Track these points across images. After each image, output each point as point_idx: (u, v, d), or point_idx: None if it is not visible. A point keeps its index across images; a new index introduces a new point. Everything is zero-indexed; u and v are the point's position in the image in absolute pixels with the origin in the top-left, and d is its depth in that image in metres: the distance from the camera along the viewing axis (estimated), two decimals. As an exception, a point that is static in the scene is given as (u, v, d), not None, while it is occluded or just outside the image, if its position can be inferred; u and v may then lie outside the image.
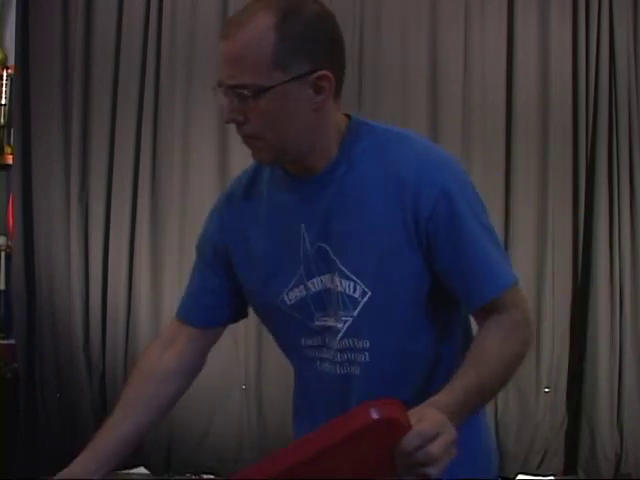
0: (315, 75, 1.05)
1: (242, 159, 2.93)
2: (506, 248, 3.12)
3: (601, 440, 3.09)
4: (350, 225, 1.09)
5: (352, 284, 1.09)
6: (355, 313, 1.10)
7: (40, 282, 3.11)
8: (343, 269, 1.09)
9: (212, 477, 3.13)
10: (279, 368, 3.00)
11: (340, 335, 1.12)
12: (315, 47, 1.05)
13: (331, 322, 1.12)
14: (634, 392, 3.11)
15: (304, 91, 1.05)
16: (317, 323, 1.13)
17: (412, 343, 1.12)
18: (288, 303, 1.14)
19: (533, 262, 3.13)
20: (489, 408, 3.09)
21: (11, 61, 3.19)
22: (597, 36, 3.14)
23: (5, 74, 3.21)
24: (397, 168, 1.08)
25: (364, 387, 0.98)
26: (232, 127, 1.09)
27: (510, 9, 3.17)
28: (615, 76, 3.14)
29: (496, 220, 3.10)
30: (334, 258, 1.10)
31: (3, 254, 3.22)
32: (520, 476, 3.15)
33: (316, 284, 1.12)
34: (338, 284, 1.10)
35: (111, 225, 3.12)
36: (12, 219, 3.13)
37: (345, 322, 1.11)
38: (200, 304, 1.24)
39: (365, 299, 1.09)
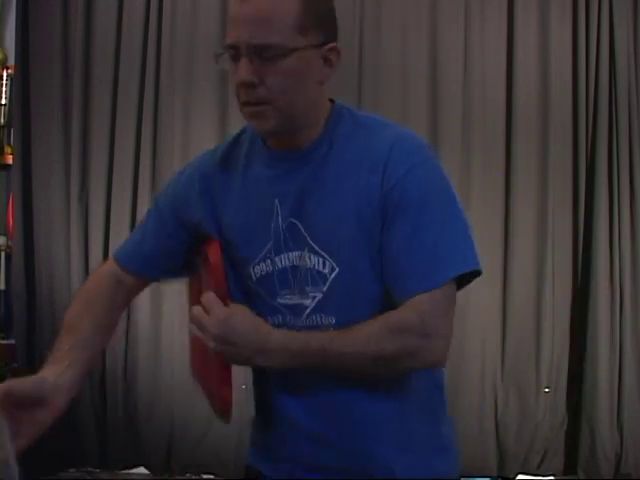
0: (328, 47, 1.09)
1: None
2: (506, 248, 3.13)
3: (601, 440, 3.09)
4: (323, 203, 1.10)
5: (321, 260, 1.10)
6: (324, 289, 1.11)
7: (40, 282, 3.10)
8: (313, 245, 1.10)
9: (212, 477, 3.13)
10: (279, 368, 3.01)
11: (308, 311, 1.12)
12: (328, 20, 1.10)
13: (295, 300, 1.13)
14: (634, 392, 3.11)
15: (316, 61, 1.08)
16: (280, 301, 1.14)
17: None
18: (254, 278, 1.15)
19: (533, 262, 3.13)
20: (489, 408, 3.09)
21: (11, 61, 3.18)
22: (597, 36, 3.15)
23: (5, 74, 3.21)
24: (374, 151, 1.09)
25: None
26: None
27: (510, 9, 3.17)
28: (615, 76, 3.14)
29: (496, 220, 3.11)
30: (305, 235, 1.11)
31: (3, 254, 3.22)
32: (520, 476, 3.15)
33: (283, 260, 1.13)
34: (307, 260, 1.11)
35: (111, 225, 3.12)
36: (12, 219, 3.13)
37: (314, 298, 1.12)
38: (150, 259, 1.26)
39: (334, 275, 1.10)
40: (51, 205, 3.11)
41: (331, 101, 1.16)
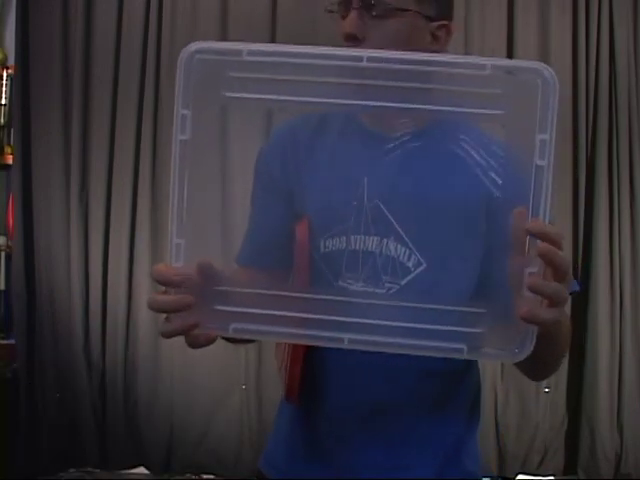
0: (438, 23, 1.07)
1: (242, 159, 2.94)
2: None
3: (601, 440, 3.09)
4: (424, 193, 1.03)
5: (408, 252, 1.03)
6: (403, 282, 1.03)
7: (40, 282, 3.10)
8: (402, 235, 1.03)
9: (212, 477, 3.13)
10: (279, 368, 3.01)
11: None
12: None
13: (359, 287, 1.04)
14: (634, 392, 3.11)
15: (425, 34, 1.07)
16: (341, 284, 1.05)
17: None
18: (321, 250, 1.07)
19: (533, 262, 3.13)
20: (489, 408, 3.09)
21: (11, 61, 3.18)
22: (597, 36, 3.14)
23: (5, 74, 3.21)
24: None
25: (395, 358, 0.90)
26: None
27: (510, 9, 3.17)
28: (615, 76, 3.14)
29: (496, 220, 3.10)
30: (392, 222, 1.03)
31: (3, 254, 3.22)
32: (520, 476, 3.15)
33: (358, 242, 1.05)
34: (392, 249, 1.03)
35: (111, 225, 3.12)
36: (12, 219, 3.13)
37: (389, 289, 1.04)
38: (257, 247, 1.17)
39: (418, 270, 1.03)
40: (51, 205, 3.11)
41: None
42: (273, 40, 3.11)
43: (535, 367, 1.02)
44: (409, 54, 0.79)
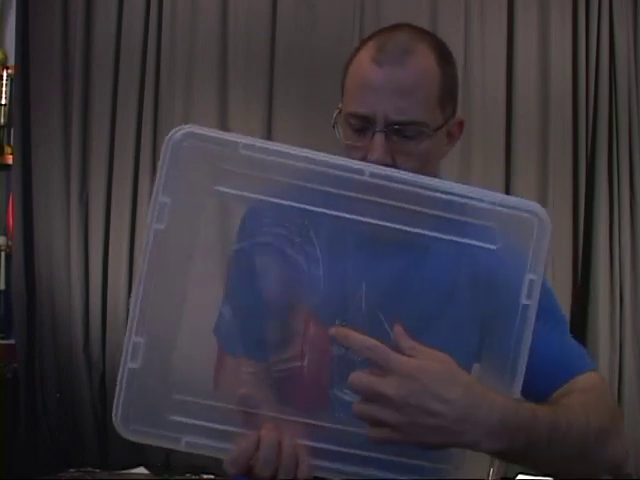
0: (455, 120, 0.97)
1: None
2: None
3: (601, 440, 3.08)
4: (423, 296, 0.96)
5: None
6: None
7: (40, 282, 3.10)
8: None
9: (212, 477, 3.13)
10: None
11: None
12: (456, 90, 0.97)
13: (352, 396, 0.98)
14: (634, 392, 3.11)
15: (443, 137, 0.96)
16: (337, 393, 1.00)
17: None
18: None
19: (533, 262, 3.13)
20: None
21: (11, 61, 3.18)
22: (597, 36, 3.14)
23: (5, 74, 3.21)
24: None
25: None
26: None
27: (510, 9, 3.17)
28: (615, 76, 3.14)
29: (496, 220, 3.11)
30: (388, 331, 0.94)
31: (3, 254, 3.22)
32: (520, 476, 3.15)
33: (350, 350, 0.97)
34: None
35: (111, 225, 3.12)
36: (12, 219, 3.13)
37: None
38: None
39: None
40: (51, 205, 3.11)
41: None
42: (273, 40, 3.11)
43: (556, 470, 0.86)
44: (412, 175, 0.75)
